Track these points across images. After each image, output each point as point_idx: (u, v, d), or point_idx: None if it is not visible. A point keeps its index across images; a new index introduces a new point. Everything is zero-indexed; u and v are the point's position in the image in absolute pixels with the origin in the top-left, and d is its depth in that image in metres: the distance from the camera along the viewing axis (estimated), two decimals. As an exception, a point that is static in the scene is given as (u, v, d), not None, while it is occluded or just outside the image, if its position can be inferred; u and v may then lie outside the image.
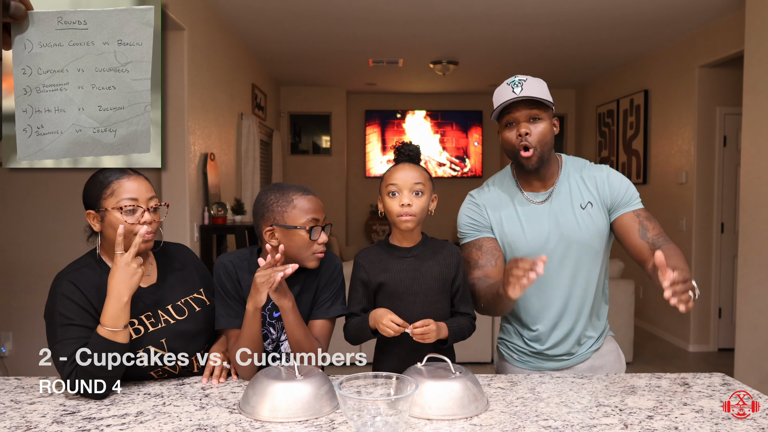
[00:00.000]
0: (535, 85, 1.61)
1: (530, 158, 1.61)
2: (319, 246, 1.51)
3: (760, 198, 3.53)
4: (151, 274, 1.54)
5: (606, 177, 1.67)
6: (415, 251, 1.55)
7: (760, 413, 1.26)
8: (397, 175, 1.51)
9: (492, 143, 8.11)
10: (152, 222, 1.46)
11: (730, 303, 4.83)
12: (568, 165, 1.72)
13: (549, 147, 1.63)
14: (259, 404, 1.24)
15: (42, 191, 3.66)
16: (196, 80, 3.75)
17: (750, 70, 3.65)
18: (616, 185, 1.66)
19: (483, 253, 1.69)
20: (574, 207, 1.65)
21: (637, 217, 1.65)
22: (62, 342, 1.36)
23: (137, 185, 1.45)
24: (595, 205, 1.66)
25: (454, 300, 1.58)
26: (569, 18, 4.45)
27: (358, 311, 1.55)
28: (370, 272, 1.55)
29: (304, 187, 1.55)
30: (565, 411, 1.27)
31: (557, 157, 1.73)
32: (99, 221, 1.45)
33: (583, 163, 1.73)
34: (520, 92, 1.59)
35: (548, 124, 1.62)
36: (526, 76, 1.64)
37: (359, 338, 1.53)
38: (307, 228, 1.48)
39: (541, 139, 1.60)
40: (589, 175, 1.68)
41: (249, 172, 5.15)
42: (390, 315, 1.43)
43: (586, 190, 1.67)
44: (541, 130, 1.60)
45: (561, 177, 1.69)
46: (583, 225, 1.64)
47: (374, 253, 1.57)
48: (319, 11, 4.32)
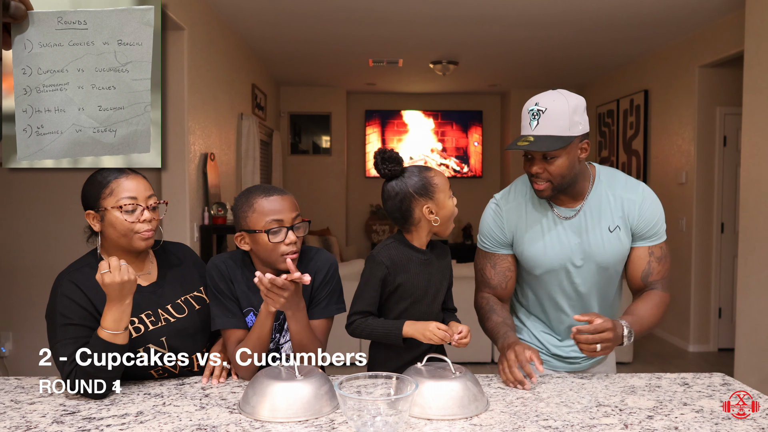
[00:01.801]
0: (551, 121, 1.49)
1: (542, 191, 1.56)
2: (287, 247, 1.47)
3: (760, 198, 3.53)
4: (151, 273, 1.54)
5: (639, 204, 1.59)
6: (428, 253, 1.55)
7: (760, 413, 1.26)
8: (446, 180, 1.55)
9: (492, 143, 8.11)
10: (152, 220, 1.46)
11: (730, 303, 4.83)
12: (602, 180, 1.63)
13: (569, 177, 1.55)
14: (259, 404, 1.24)
15: (42, 191, 3.66)
16: (196, 80, 3.75)
17: (750, 70, 3.65)
18: (647, 217, 1.59)
19: (496, 273, 1.69)
20: (602, 228, 1.60)
21: (649, 255, 1.62)
22: (62, 342, 1.36)
23: (136, 184, 1.45)
24: (623, 229, 1.60)
25: (444, 297, 1.61)
26: (569, 18, 4.45)
27: (372, 310, 1.51)
28: (392, 272, 1.50)
29: (271, 187, 1.52)
30: (565, 411, 1.27)
31: (589, 170, 1.64)
32: (99, 221, 1.45)
33: (619, 179, 1.63)
34: (534, 128, 1.50)
35: (566, 158, 1.52)
36: (548, 102, 1.50)
37: (378, 339, 1.51)
38: (264, 230, 1.45)
39: (558, 173, 1.53)
40: (623, 197, 1.59)
41: (249, 172, 5.15)
42: (437, 323, 1.46)
43: (618, 211, 1.60)
44: (557, 167, 1.52)
45: (592, 193, 1.61)
46: (609, 247, 1.60)
47: (395, 252, 1.52)
48: (319, 11, 4.32)
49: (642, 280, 1.63)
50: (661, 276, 1.62)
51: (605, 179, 1.63)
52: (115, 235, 1.44)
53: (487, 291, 1.71)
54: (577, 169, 1.56)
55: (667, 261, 1.64)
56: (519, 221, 1.65)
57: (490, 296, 1.70)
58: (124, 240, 1.44)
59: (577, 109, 1.50)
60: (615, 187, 1.61)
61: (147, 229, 1.44)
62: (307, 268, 1.55)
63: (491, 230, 1.69)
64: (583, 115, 1.53)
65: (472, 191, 8.08)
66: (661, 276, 1.63)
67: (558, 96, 1.51)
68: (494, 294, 1.70)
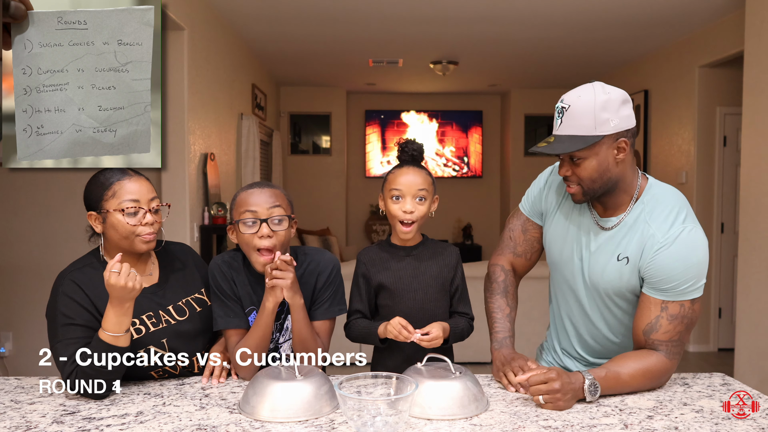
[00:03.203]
0: (575, 120, 1.34)
1: (574, 195, 1.42)
2: (260, 240, 1.47)
3: (760, 198, 3.53)
4: (153, 274, 1.54)
5: (660, 247, 1.35)
6: (415, 251, 1.56)
7: (760, 413, 1.26)
8: (401, 180, 1.51)
9: (492, 143, 8.11)
10: (154, 223, 1.45)
11: (730, 303, 4.84)
12: (645, 202, 1.41)
13: (601, 182, 1.38)
14: (259, 404, 1.24)
15: (42, 191, 3.66)
16: (196, 80, 3.75)
17: (750, 70, 3.65)
18: (661, 266, 1.34)
19: (526, 240, 1.61)
20: (614, 253, 1.41)
21: (661, 309, 1.36)
22: (63, 342, 1.36)
23: (138, 186, 1.44)
24: (631, 263, 1.39)
25: (452, 300, 1.59)
26: (569, 18, 4.45)
27: (361, 308, 1.56)
28: (370, 270, 1.56)
29: (261, 182, 1.55)
30: (565, 411, 1.27)
31: (636, 184, 1.42)
32: (101, 222, 1.45)
33: (663, 209, 1.38)
34: (558, 127, 1.37)
35: (595, 160, 1.35)
36: (573, 98, 1.35)
37: (364, 341, 1.54)
38: (236, 221, 1.50)
39: (587, 177, 1.37)
40: (653, 231, 1.37)
41: (249, 172, 5.14)
42: (400, 319, 1.45)
43: (638, 243, 1.38)
44: (585, 169, 1.37)
45: (630, 215, 1.41)
46: (608, 274, 1.42)
47: (375, 252, 1.58)
48: (319, 11, 4.32)
49: (644, 334, 1.38)
50: (669, 338, 1.36)
51: (649, 204, 1.40)
52: (116, 237, 1.44)
53: (509, 256, 1.62)
54: (614, 173, 1.37)
55: (682, 324, 1.36)
56: (555, 200, 1.53)
57: (509, 271, 1.62)
58: (126, 242, 1.44)
59: (607, 104, 1.33)
60: (654, 216, 1.38)
61: (149, 232, 1.44)
62: (309, 269, 1.56)
63: (535, 194, 1.59)
64: (619, 111, 1.34)
65: (472, 191, 8.08)
66: (668, 338, 1.36)
67: (586, 91, 1.35)
68: (514, 264, 1.63)
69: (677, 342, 1.37)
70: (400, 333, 1.43)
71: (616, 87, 1.38)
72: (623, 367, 1.35)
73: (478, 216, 8.08)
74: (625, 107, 1.36)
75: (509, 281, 1.62)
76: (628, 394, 1.36)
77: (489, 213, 8.14)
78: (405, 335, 1.43)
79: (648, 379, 1.36)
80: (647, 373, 1.36)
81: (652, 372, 1.36)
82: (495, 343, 1.53)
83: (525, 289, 4.09)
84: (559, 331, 1.63)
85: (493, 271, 1.64)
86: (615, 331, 1.50)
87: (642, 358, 1.37)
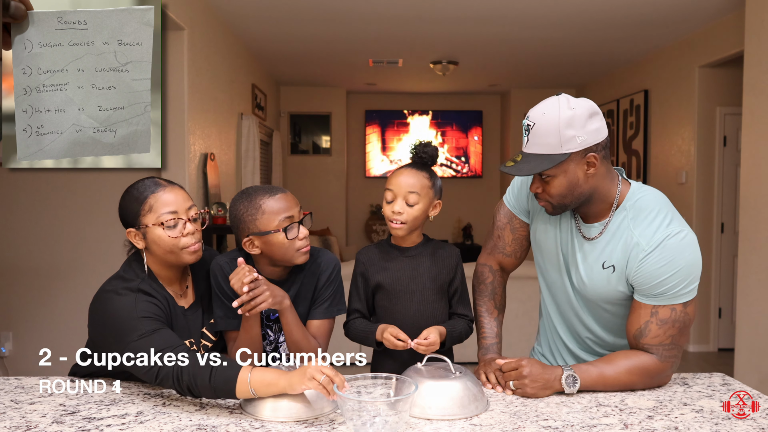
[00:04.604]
0: (539, 138, 1.31)
1: (546, 208, 1.41)
2: (301, 242, 1.48)
3: (760, 198, 3.53)
4: (189, 289, 1.51)
5: (645, 255, 1.33)
6: (414, 252, 1.55)
7: (760, 413, 1.26)
8: (394, 180, 1.51)
9: (492, 143, 8.11)
10: (195, 232, 1.42)
11: (730, 303, 4.83)
12: (629, 209, 1.38)
13: (572, 197, 1.36)
14: (260, 404, 1.24)
15: (42, 191, 3.66)
16: (196, 80, 3.75)
17: (750, 70, 3.65)
18: (648, 272, 1.33)
19: (515, 239, 1.59)
20: (598, 260, 1.40)
21: (651, 315, 1.35)
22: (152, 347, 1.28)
23: (174, 196, 1.41)
24: (617, 271, 1.38)
25: (452, 302, 1.58)
26: (569, 18, 4.45)
27: (359, 308, 1.57)
28: (369, 270, 1.56)
29: (271, 186, 1.52)
30: (565, 411, 1.27)
31: (612, 192, 1.40)
32: (141, 239, 1.41)
33: (647, 215, 1.36)
34: (525, 144, 1.34)
35: (564, 178, 1.33)
36: (537, 115, 1.32)
37: (362, 342, 1.54)
38: (281, 229, 1.45)
39: (558, 194, 1.35)
40: (638, 238, 1.35)
41: (249, 172, 5.15)
42: (392, 329, 1.46)
43: (623, 251, 1.37)
44: (554, 187, 1.35)
45: (612, 221, 1.39)
46: (596, 283, 1.41)
47: (374, 252, 1.58)
48: (319, 11, 4.32)
49: (634, 338, 1.38)
50: (659, 342, 1.35)
51: (632, 210, 1.38)
52: (160, 252, 1.40)
53: (498, 256, 1.60)
54: (585, 188, 1.36)
55: (674, 327, 1.35)
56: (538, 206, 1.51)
57: (497, 272, 1.62)
58: (172, 256, 1.41)
59: (572, 120, 1.29)
60: (638, 222, 1.36)
61: (193, 242, 1.41)
62: (310, 268, 1.56)
63: (522, 190, 1.54)
64: (585, 126, 1.31)
65: (472, 191, 8.08)
66: (658, 342, 1.35)
67: (550, 107, 1.31)
68: (503, 264, 1.62)
69: (669, 345, 1.36)
70: (396, 346, 1.44)
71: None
72: (610, 362, 1.37)
73: (478, 216, 8.08)
74: (592, 121, 1.33)
75: (497, 282, 1.62)
76: (618, 391, 1.37)
77: (489, 213, 8.10)
78: (401, 345, 1.44)
79: (637, 376, 1.36)
80: (635, 370, 1.36)
81: (640, 369, 1.36)
82: (482, 350, 1.55)
83: (525, 289, 4.11)
84: (549, 332, 1.62)
85: (482, 272, 1.64)
86: (610, 330, 1.50)
87: (632, 356, 1.38)
